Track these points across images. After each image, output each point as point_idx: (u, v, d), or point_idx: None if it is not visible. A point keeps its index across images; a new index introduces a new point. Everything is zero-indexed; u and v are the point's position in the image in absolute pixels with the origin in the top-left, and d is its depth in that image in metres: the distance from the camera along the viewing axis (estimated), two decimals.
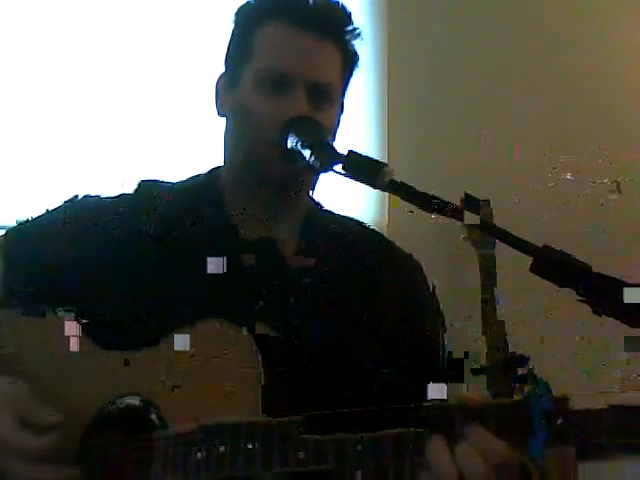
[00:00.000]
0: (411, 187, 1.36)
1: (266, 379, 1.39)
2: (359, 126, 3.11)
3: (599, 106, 3.36)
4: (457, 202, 1.35)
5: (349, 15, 1.65)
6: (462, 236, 3.08)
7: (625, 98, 3.43)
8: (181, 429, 1.37)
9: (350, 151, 1.44)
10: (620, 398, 1.20)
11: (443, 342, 1.67)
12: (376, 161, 1.43)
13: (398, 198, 1.35)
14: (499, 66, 3.30)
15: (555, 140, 3.21)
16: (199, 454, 1.35)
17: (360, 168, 1.42)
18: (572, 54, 3.37)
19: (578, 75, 3.37)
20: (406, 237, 1.78)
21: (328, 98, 1.62)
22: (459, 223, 1.33)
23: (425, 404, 1.27)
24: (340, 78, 1.65)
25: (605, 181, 2.87)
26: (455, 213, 1.30)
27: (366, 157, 1.43)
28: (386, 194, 1.43)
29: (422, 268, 1.72)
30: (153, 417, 1.42)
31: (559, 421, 1.21)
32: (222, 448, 1.34)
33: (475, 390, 1.32)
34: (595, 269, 1.27)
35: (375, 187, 1.40)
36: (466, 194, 1.27)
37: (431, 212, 1.31)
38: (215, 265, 1.49)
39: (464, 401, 1.28)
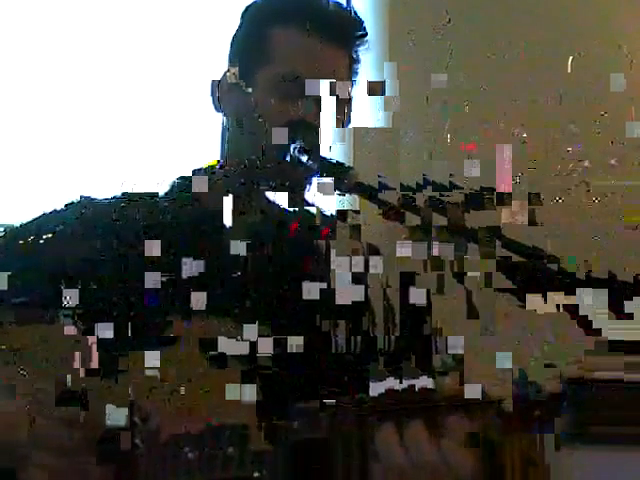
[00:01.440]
0: (374, 189, 1.38)
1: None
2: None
3: (601, 106, 3.35)
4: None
5: (362, 23, 1.69)
6: (403, 236, 3.05)
7: (627, 98, 3.41)
8: (191, 429, 1.37)
9: (320, 157, 1.48)
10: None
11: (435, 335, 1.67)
12: (342, 164, 1.45)
13: (366, 201, 1.37)
14: (500, 64, 3.29)
15: (556, 139, 3.20)
16: (209, 455, 1.35)
17: (329, 173, 1.46)
18: (575, 53, 3.36)
19: (581, 75, 3.35)
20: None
21: (342, 106, 1.66)
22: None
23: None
24: (350, 84, 1.68)
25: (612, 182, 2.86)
26: (396, 215, 1.32)
27: (336, 162, 1.47)
28: None
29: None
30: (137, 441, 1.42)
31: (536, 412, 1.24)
32: (230, 450, 1.34)
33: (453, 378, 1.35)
34: (596, 268, 1.29)
35: (342, 190, 1.43)
36: (404, 195, 1.28)
37: (384, 215, 1.33)
38: (192, 267, 1.51)
39: (443, 389, 1.30)
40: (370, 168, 1.42)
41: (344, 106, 1.66)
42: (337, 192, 1.43)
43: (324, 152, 1.52)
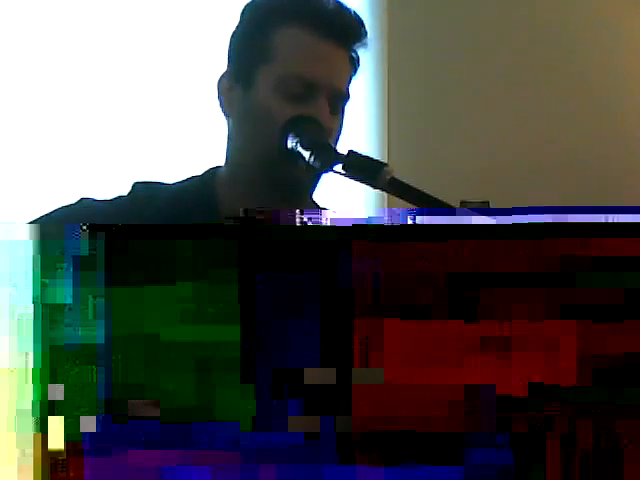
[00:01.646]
0: (411, 187, 1.36)
1: None
2: (358, 126, 3.10)
3: (601, 107, 3.35)
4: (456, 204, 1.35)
5: (362, 24, 1.67)
6: None
7: (628, 99, 3.42)
8: None
9: (350, 151, 1.46)
10: None
11: None
12: (376, 161, 1.44)
13: (395, 198, 1.35)
14: (500, 66, 3.29)
15: (556, 140, 3.20)
16: None
17: (360, 168, 1.43)
18: (574, 55, 3.36)
19: (580, 75, 3.36)
20: None
21: (342, 105, 1.64)
22: None
23: None
24: (348, 85, 1.67)
25: None
26: None
27: (366, 157, 1.45)
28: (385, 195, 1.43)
29: None
30: None
31: None
32: None
33: None
34: None
35: (376, 187, 1.41)
36: (462, 202, 1.26)
37: None
38: None
39: None
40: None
41: (342, 104, 1.64)
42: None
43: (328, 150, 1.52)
